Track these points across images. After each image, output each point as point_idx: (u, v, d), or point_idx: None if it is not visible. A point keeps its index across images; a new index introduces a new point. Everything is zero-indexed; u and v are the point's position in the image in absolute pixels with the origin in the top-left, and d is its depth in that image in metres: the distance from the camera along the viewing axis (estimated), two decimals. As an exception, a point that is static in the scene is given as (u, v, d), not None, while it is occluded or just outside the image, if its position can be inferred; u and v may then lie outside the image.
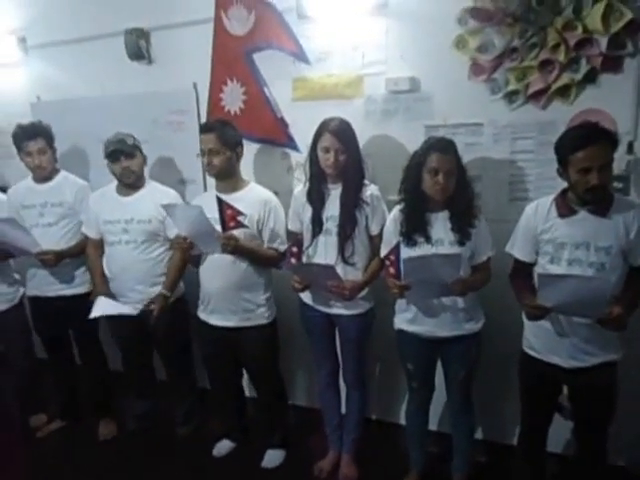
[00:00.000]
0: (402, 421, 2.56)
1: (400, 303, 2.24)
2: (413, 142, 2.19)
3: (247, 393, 2.83)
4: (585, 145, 1.80)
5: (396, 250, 2.10)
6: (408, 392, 2.39)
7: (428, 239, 2.11)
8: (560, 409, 2.14)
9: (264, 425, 2.71)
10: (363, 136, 2.46)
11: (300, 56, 2.59)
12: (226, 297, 2.42)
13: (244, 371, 2.70)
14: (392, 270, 2.09)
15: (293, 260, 2.29)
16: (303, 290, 2.31)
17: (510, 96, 2.29)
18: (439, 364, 2.31)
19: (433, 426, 2.60)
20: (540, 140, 2.29)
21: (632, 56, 2.10)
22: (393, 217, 2.22)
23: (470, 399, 2.31)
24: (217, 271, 2.41)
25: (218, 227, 2.25)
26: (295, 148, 2.69)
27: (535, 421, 2.17)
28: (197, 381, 2.93)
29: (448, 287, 2.02)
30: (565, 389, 2.07)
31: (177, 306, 2.68)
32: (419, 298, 2.15)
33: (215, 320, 2.48)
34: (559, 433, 2.21)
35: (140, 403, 2.90)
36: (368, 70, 2.52)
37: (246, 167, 2.53)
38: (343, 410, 2.59)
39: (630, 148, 2.15)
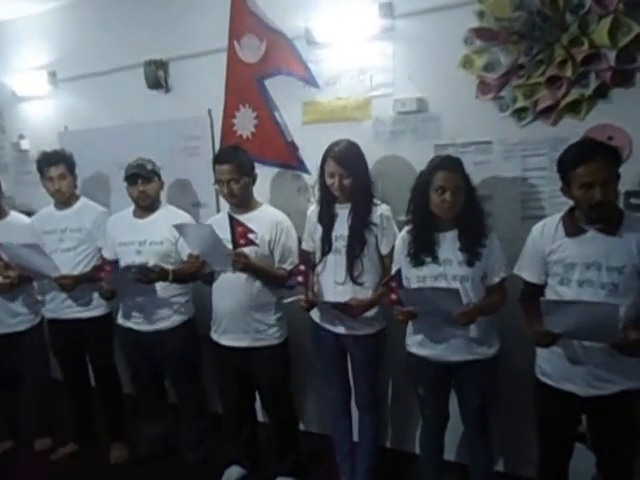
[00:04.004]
0: (418, 450, 2.43)
1: (411, 325, 2.12)
2: (422, 162, 2.11)
3: (259, 418, 2.73)
4: (585, 160, 1.71)
5: (397, 276, 2.02)
6: (421, 419, 2.26)
7: (435, 259, 2.02)
8: (582, 439, 1.97)
9: (275, 451, 2.58)
10: (373, 157, 2.43)
11: (309, 81, 2.58)
12: (238, 317, 2.36)
13: (256, 395, 2.59)
14: (394, 297, 2.01)
15: (299, 278, 2.22)
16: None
17: (519, 113, 2.21)
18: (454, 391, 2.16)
19: (450, 456, 2.45)
20: (553, 157, 2.14)
21: (643, 69, 2.01)
22: (402, 238, 2.14)
23: (487, 428, 2.15)
24: (229, 291, 2.37)
25: (229, 246, 2.23)
26: (305, 171, 2.66)
27: (553, 452, 2.00)
28: (208, 405, 2.83)
29: (454, 318, 1.92)
30: (584, 418, 1.92)
31: (187, 327, 2.62)
32: (426, 325, 2.05)
33: (226, 341, 2.41)
34: (583, 465, 2.05)
35: (151, 427, 2.82)
36: (376, 92, 2.50)
37: (259, 189, 2.49)
38: (356, 438, 2.45)
39: (645, 163, 2.05)
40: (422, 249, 2.06)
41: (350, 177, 2.17)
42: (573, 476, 2.03)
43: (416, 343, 2.13)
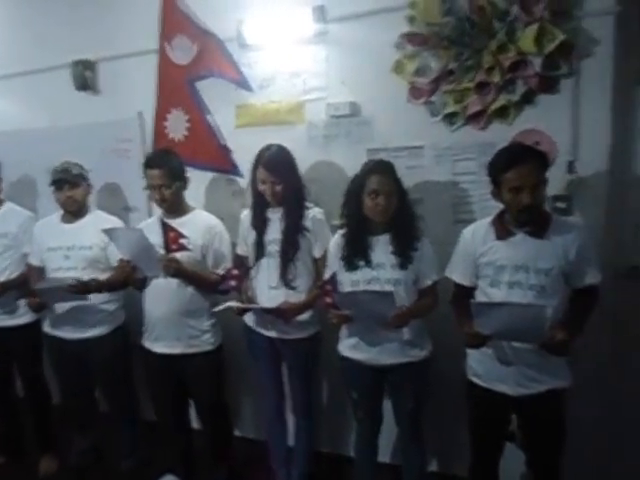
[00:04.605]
0: (353, 454, 2.38)
1: (344, 329, 2.08)
2: (355, 166, 2.07)
3: (194, 425, 2.59)
4: (515, 164, 1.70)
5: (332, 280, 1.97)
6: (355, 423, 2.20)
7: (369, 263, 1.98)
8: (511, 438, 1.96)
9: (209, 459, 2.49)
10: (306, 161, 2.37)
11: (242, 83, 2.50)
12: (170, 323, 2.26)
13: (191, 402, 2.47)
14: (329, 300, 1.96)
15: (232, 283, 2.15)
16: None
17: (449, 118, 2.19)
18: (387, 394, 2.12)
19: (385, 458, 2.41)
20: (482, 161, 2.14)
21: (567, 76, 2.01)
22: (335, 242, 2.09)
23: (420, 429, 2.11)
24: (161, 296, 2.26)
25: (162, 251, 2.14)
26: (239, 174, 2.57)
27: (485, 451, 1.99)
28: (141, 413, 2.69)
29: (387, 322, 1.89)
30: (514, 417, 1.92)
31: (117, 335, 2.49)
32: (360, 329, 2.01)
33: (159, 348, 2.30)
34: (513, 464, 2.05)
35: (81, 437, 2.66)
36: (309, 96, 2.43)
37: (193, 193, 2.39)
38: (292, 442, 2.38)
39: (570, 168, 2.05)
40: (356, 253, 2.02)
41: (281, 183, 2.12)
42: (503, 474, 2.02)
43: (350, 347, 2.08)
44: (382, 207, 1.93)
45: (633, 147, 2.07)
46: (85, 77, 2.79)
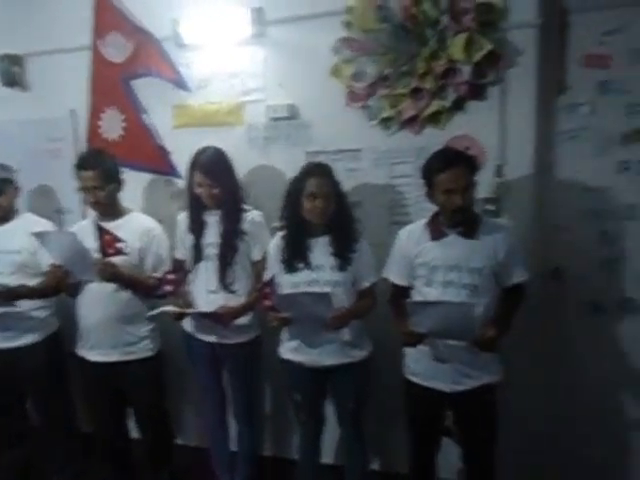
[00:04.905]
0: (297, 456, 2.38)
1: (285, 332, 2.07)
2: (295, 169, 2.06)
3: (133, 434, 2.50)
4: (447, 168, 1.76)
5: (271, 283, 1.97)
6: (298, 425, 2.20)
7: (308, 265, 1.99)
8: (448, 433, 2.02)
9: (150, 468, 2.40)
10: (246, 163, 2.36)
11: (179, 83, 2.44)
12: (106, 330, 2.17)
13: (129, 410, 2.38)
14: (268, 303, 1.95)
15: (168, 287, 2.10)
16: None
17: (386, 122, 2.23)
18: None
19: (328, 459, 2.41)
20: (418, 165, 2.14)
21: (494, 84, 2.09)
22: (275, 244, 2.08)
23: (362, 429, 2.14)
24: (96, 302, 2.17)
25: (97, 255, 2.06)
26: (178, 176, 2.49)
27: (423, 448, 2.04)
28: (78, 424, 2.58)
29: (326, 323, 1.90)
30: (450, 413, 1.97)
31: (49, 343, 2.38)
32: (301, 331, 2.01)
33: (95, 356, 2.21)
34: (450, 459, 2.11)
35: (9, 453, 2.50)
36: (248, 97, 2.41)
37: (129, 195, 2.31)
38: (234, 447, 2.35)
39: (498, 172, 2.13)
40: (295, 255, 2.02)
41: (218, 186, 2.09)
42: (441, 469, 2.08)
43: (290, 349, 2.08)
44: (320, 209, 1.94)
45: (554, 152, 2.17)
46: (13, 73, 2.64)
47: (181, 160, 2.43)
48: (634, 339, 2.15)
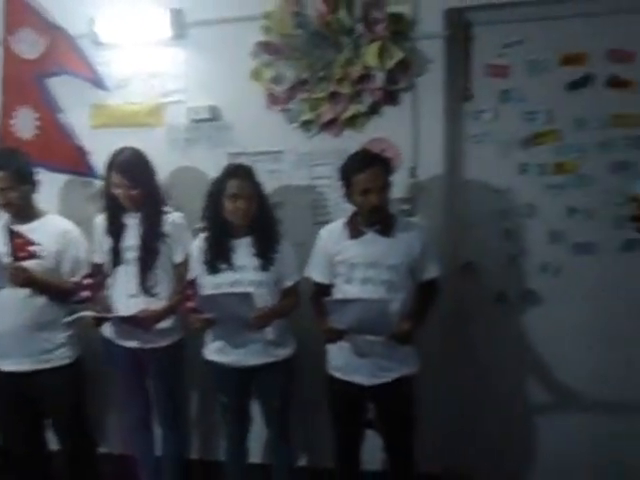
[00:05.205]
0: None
1: (209, 333, 2.06)
2: (217, 170, 2.07)
3: (51, 446, 2.39)
4: (365, 168, 1.84)
5: (193, 284, 1.97)
6: (224, 426, 2.20)
7: (231, 266, 2.00)
8: (370, 425, 2.09)
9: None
10: (167, 164, 2.34)
11: (97, 82, 2.39)
12: (19, 338, 2.08)
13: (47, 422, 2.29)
14: (190, 304, 1.95)
15: (85, 293, 2.05)
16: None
17: (306, 125, 2.28)
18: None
19: (256, 458, 2.41)
20: (337, 166, 2.18)
21: (406, 91, 2.19)
22: (197, 245, 2.08)
23: (288, 427, 2.17)
24: (8, 309, 2.07)
25: (8, 259, 1.98)
26: (96, 177, 2.41)
27: (347, 441, 2.10)
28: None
29: (250, 323, 1.92)
30: (371, 406, 2.04)
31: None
32: (224, 332, 2.01)
33: (7, 365, 2.11)
34: (373, 450, 2.18)
35: None
36: (169, 98, 2.39)
37: (44, 196, 2.23)
38: (160, 453, 2.30)
39: (412, 173, 2.23)
40: (218, 256, 2.02)
41: (137, 188, 2.06)
42: (365, 461, 2.14)
43: (215, 350, 2.08)
44: (242, 211, 1.96)
45: (462, 155, 2.31)
46: None
47: (100, 161, 2.35)
48: (535, 327, 2.32)
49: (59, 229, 2.16)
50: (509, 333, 2.36)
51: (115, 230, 2.13)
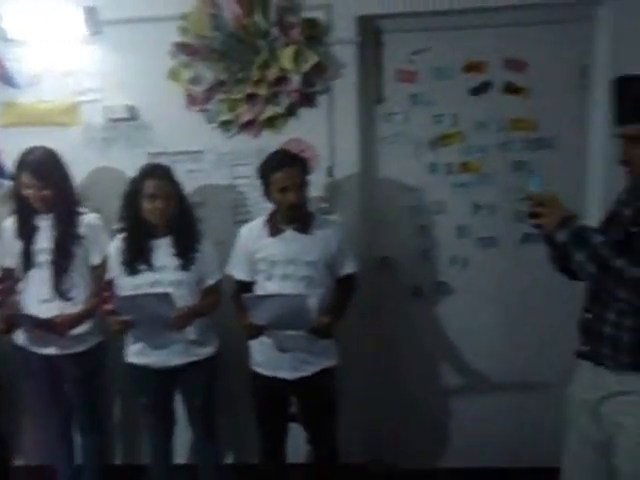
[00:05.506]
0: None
1: (129, 335, 2.02)
2: (136, 170, 2.03)
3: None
4: (283, 167, 1.89)
5: (110, 286, 1.94)
6: (147, 429, 2.18)
7: (150, 266, 1.98)
8: (294, 419, 2.14)
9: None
10: (84, 164, 2.30)
11: (6, 79, 2.30)
12: None
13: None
14: (108, 307, 1.92)
15: None
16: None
17: (225, 125, 2.30)
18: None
19: (181, 459, 2.40)
20: (257, 166, 2.34)
21: (322, 93, 2.26)
22: (115, 246, 2.04)
23: (212, 426, 2.17)
24: None
25: None
26: (5, 177, 2.31)
27: (272, 435, 2.14)
28: None
29: (170, 323, 1.91)
30: (294, 399, 2.08)
31: None
32: (145, 334, 1.98)
33: None
34: (299, 443, 2.23)
35: None
36: (84, 97, 2.33)
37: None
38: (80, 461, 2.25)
39: (329, 172, 2.31)
40: (136, 257, 2.00)
41: (48, 188, 2.00)
42: (291, 454, 2.19)
43: (136, 352, 2.05)
44: (160, 210, 1.96)
45: (377, 155, 2.41)
46: None
47: (11, 160, 2.24)
48: (448, 317, 2.47)
49: (-35, 232, 2.05)
50: (425, 324, 2.49)
51: (26, 232, 2.06)
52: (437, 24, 2.29)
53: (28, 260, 2.05)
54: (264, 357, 2.01)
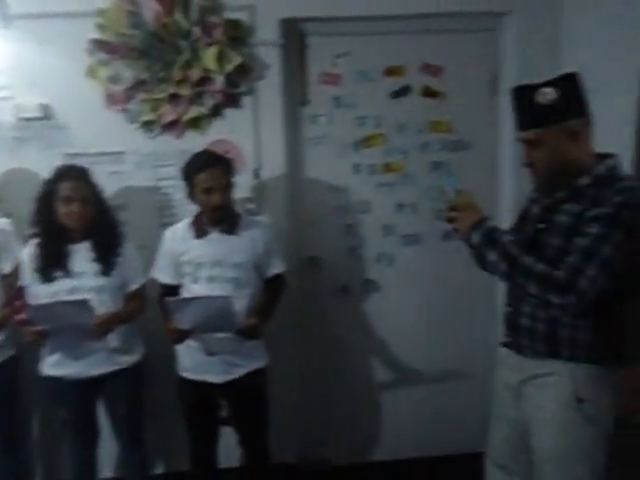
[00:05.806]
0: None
1: (46, 346, 1.92)
2: (51, 172, 1.93)
3: None
4: (206, 168, 1.86)
5: (21, 294, 1.83)
6: (68, 442, 2.07)
7: (68, 272, 1.89)
8: (225, 422, 2.10)
9: None
10: (-6, 166, 2.15)
11: None
12: None
13: None
14: (21, 316, 1.81)
15: None
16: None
17: (147, 126, 2.24)
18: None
19: (107, 472, 2.31)
20: (181, 167, 2.30)
21: (247, 94, 2.26)
22: (28, 252, 1.93)
23: (139, 435, 2.11)
24: None
25: None
26: None
27: (203, 440, 2.10)
28: None
29: (90, 331, 1.83)
30: (225, 402, 2.05)
31: None
32: (63, 344, 1.89)
33: None
34: (229, 448, 2.20)
35: None
36: (-8, 94, 2.19)
37: None
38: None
39: (256, 174, 2.31)
40: (52, 263, 1.90)
41: None
42: (223, 458, 2.16)
43: (53, 364, 1.95)
44: (77, 214, 1.87)
45: (303, 156, 2.43)
46: None
47: None
48: (376, 313, 2.53)
49: None
50: (354, 321, 2.54)
51: None
52: (359, 29, 2.35)
53: None
54: (192, 362, 1.97)
